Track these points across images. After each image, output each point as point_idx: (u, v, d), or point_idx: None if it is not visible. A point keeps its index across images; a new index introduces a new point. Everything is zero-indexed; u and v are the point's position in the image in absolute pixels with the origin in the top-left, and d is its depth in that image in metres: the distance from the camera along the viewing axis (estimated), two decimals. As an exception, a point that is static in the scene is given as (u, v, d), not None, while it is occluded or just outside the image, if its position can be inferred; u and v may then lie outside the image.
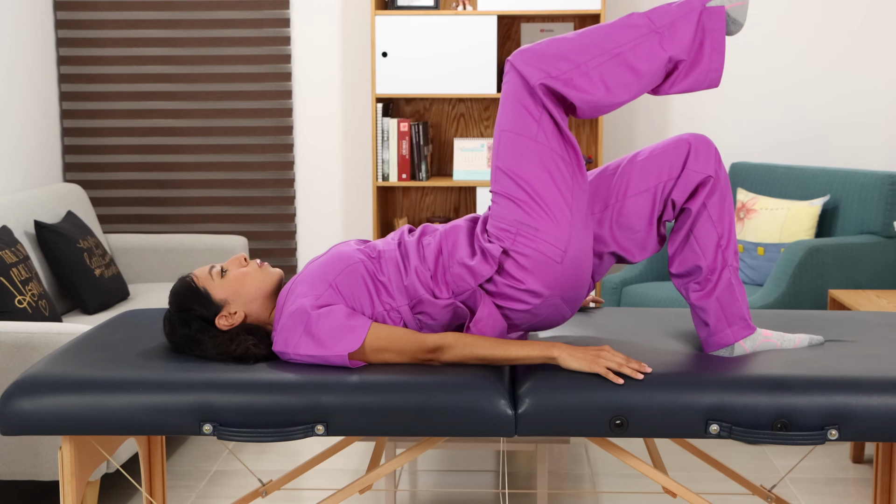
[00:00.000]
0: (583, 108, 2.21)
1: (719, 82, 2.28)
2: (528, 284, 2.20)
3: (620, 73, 2.20)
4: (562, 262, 2.19)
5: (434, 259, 2.26)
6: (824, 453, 3.82)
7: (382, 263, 2.27)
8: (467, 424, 2.08)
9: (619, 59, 2.20)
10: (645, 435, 2.09)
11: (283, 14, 4.93)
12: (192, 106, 4.98)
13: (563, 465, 3.72)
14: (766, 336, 2.32)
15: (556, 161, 2.20)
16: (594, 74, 2.19)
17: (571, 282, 2.23)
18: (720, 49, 2.25)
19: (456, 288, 2.23)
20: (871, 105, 4.90)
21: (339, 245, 2.35)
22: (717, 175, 2.25)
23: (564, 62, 2.18)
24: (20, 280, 3.47)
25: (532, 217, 2.19)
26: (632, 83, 2.21)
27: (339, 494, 2.24)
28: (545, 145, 2.19)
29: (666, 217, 2.29)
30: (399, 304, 2.24)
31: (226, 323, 2.28)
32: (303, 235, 5.11)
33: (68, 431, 2.10)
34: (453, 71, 4.62)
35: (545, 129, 2.20)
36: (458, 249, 2.25)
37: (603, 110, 2.23)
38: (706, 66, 2.25)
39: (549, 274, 2.20)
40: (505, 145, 2.22)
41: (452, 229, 2.30)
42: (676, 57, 2.22)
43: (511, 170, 2.20)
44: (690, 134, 2.29)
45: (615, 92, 2.20)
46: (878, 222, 4.18)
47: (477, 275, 2.21)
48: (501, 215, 2.22)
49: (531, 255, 2.19)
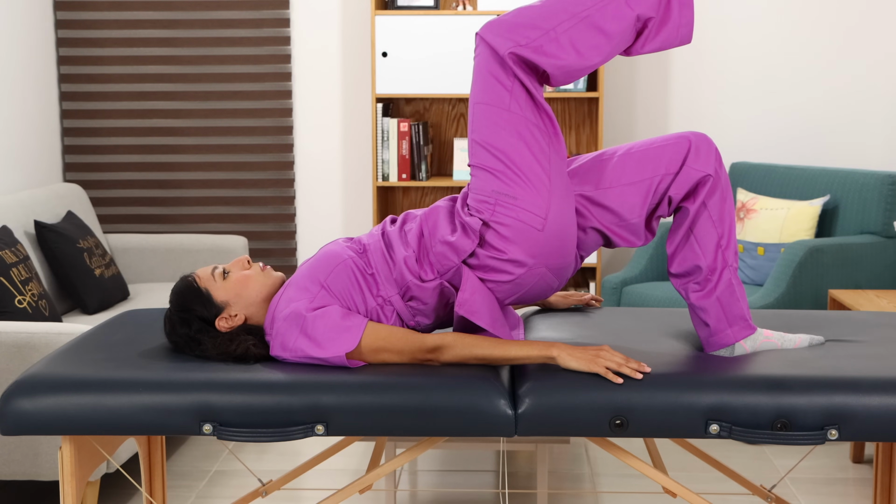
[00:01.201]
0: (555, 74, 2.20)
1: (691, 38, 2.26)
2: (511, 254, 2.20)
3: (590, 36, 2.19)
4: (543, 230, 2.19)
5: (416, 241, 2.26)
6: (824, 453, 3.82)
7: (369, 257, 2.27)
8: (467, 424, 2.08)
9: (586, 21, 2.19)
10: (645, 435, 2.09)
11: (283, 14, 4.93)
12: (192, 106, 4.98)
13: (563, 465, 3.72)
14: (766, 336, 2.32)
15: (531, 129, 2.20)
16: (563, 39, 2.18)
17: (556, 248, 2.22)
18: (689, 4, 2.24)
19: (440, 267, 2.23)
20: (871, 105, 4.90)
21: (327, 245, 2.35)
22: (718, 174, 2.25)
23: (533, 30, 2.18)
24: (20, 280, 3.47)
25: (510, 186, 2.19)
26: (602, 45, 2.20)
27: (339, 494, 2.24)
28: (518, 114, 2.19)
29: (660, 212, 2.28)
30: (390, 294, 2.24)
31: (226, 325, 2.28)
32: (303, 235, 5.11)
33: (68, 431, 2.10)
34: (453, 71, 4.62)
35: (518, 98, 2.20)
36: (439, 228, 2.25)
37: (576, 75, 2.22)
38: (676, 22, 2.24)
39: (530, 242, 2.20)
40: (478, 117, 2.22)
41: (433, 210, 2.30)
42: (644, 14, 2.22)
43: (486, 141, 2.20)
44: (691, 132, 2.29)
45: (586, 55, 2.20)
46: (878, 222, 4.18)
47: (459, 250, 2.21)
48: (480, 187, 2.22)
49: (511, 225, 2.19)
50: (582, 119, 4.94)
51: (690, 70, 4.95)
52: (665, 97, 4.98)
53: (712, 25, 4.92)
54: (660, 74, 4.98)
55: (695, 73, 4.95)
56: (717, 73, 4.95)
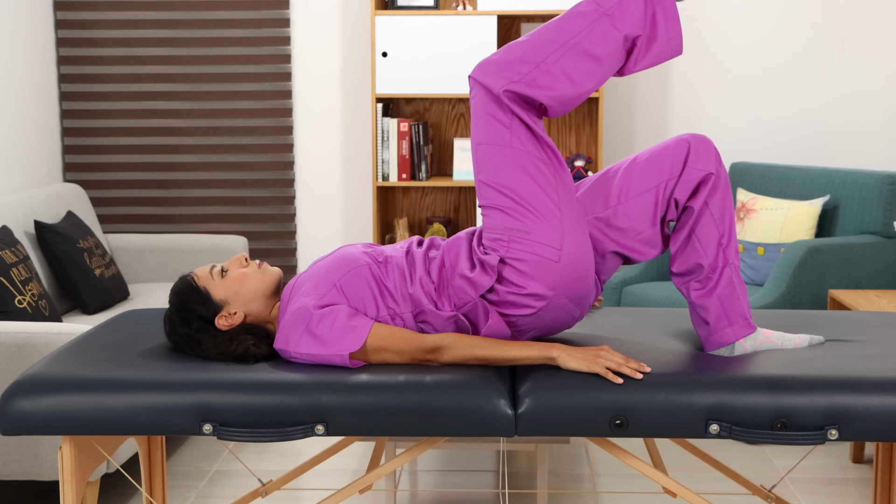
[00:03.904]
0: (552, 105, 2.22)
1: (682, 49, 2.28)
2: (530, 288, 2.21)
3: (581, 63, 2.20)
4: (559, 261, 2.20)
5: (438, 272, 2.27)
6: (824, 453, 3.82)
7: (388, 269, 2.28)
8: (467, 424, 2.08)
9: (575, 49, 2.20)
10: (645, 435, 2.09)
11: (283, 14, 4.93)
12: (192, 106, 4.98)
13: (563, 465, 3.72)
14: (766, 336, 2.32)
15: (535, 163, 2.21)
16: (555, 70, 2.19)
17: (574, 279, 2.23)
18: (674, 16, 2.25)
19: (458, 301, 2.24)
20: (871, 105, 4.90)
21: (345, 247, 2.36)
22: (718, 173, 2.26)
23: (524, 65, 2.19)
24: (20, 280, 3.47)
25: (522, 221, 2.20)
26: (594, 70, 2.21)
27: (339, 494, 2.24)
28: (521, 150, 2.20)
29: (669, 216, 2.29)
30: (403, 310, 2.25)
31: (225, 323, 2.28)
32: (303, 235, 5.11)
33: (68, 431, 2.10)
34: (453, 71, 4.62)
35: (518, 134, 2.21)
36: (460, 262, 2.26)
37: (572, 103, 2.23)
38: (664, 37, 2.25)
39: (549, 274, 2.20)
40: (482, 158, 2.23)
41: (455, 242, 2.31)
42: (632, 34, 2.22)
43: (493, 180, 2.21)
44: (689, 134, 2.30)
45: (580, 82, 2.21)
46: (878, 222, 4.18)
47: (477, 286, 2.22)
48: (492, 226, 2.23)
49: (528, 259, 2.20)
50: (582, 119, 4.94)
51: (690, 70, 4.95)
52: (665, 97, 4.98)
53: (712, 26, 4.92)
54: (660, 74, 4.98)
55: (695, 73, 4.95)
56: (717, 73, 4.95)
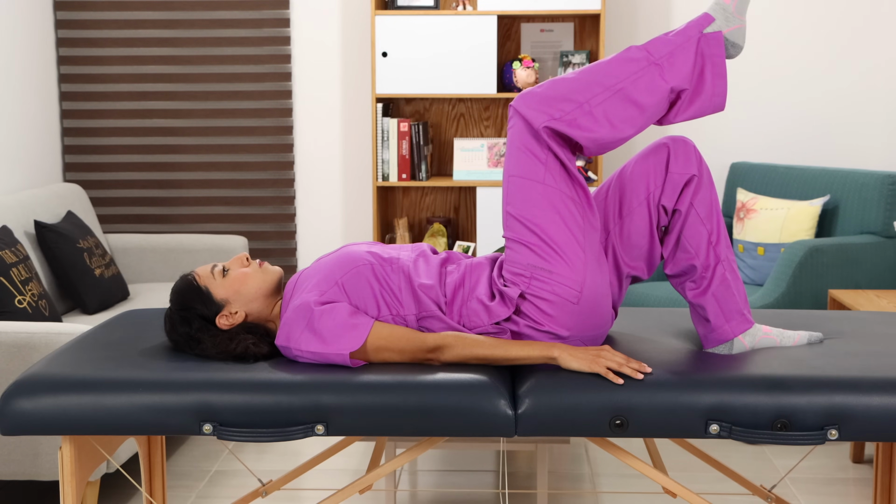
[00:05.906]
0: (589, 146, 2.21)
1: (724, 106, 2.26)
2: (547, 326, 2.22)
3: (623, 109, 2.19)
4: (578, 303, 2.20)
5: (453, 289, 2.27)
6: (824, 453, 3.82)
7: (393, 270, 2.27)
8: (467, 424, 2.08)
9: (620, 94, 2.19)
10: (645, 435, 2.09)
11: (283, 14, 4.93)
12: (192, 106, 4.98)
13: (563, 465, 3.72)
14: (765, 332, 2.32)
15: (566, 202, 2.20)
16: (597, 112, 2.18)
17: (591, 321, 2.24)
18: (722, 74, 2.23)
19: (468, 321, 2.25)
20: (871, 105, 4.90)
21: (349, 245, 2.36)
22: (700, 172, 2.27)
23: (567, 103, 2.18)
24: (20, 280, 3.47)
25: (545, 260, 2.20)
26: (636, 117, 2.20)
27: (339, 494, 2.24)
28: (553, 187, 2.20)
29: (662, 223, 2.30)
30: (406, 312, 2.25)
31: (226, 322, 2.28)
32: (303, 235, 5.11)
33: (68, 431, 2.10)
34: (453, 71, 4.62)
35: (552, 171, 2.20)
36: (479, 286, 2.26)
37: (609, 147, 2.22)
38: (710, 93, 2.24)
39: (566, 315, 2.21)
40: (513, 190, 2.22)
41: (478, 266, 2.31)
42: (678, 87, 2.21)
43: (521, 215, 2.21)
44: (667, 137, 2.30)
45: (620, 128, 2.20)
46: (878, 222, 4.18)
47: (493, 314, 2.23)
48: (515, 260, 2.23)
49: (548, 298, 2.20)
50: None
51: (690, 70, 4.95)
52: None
53: (712, 25, 4.91)
54: (660, 74, 4.98)
55: (695, 73, 4.95)
56: (717, 73, 4.94)
